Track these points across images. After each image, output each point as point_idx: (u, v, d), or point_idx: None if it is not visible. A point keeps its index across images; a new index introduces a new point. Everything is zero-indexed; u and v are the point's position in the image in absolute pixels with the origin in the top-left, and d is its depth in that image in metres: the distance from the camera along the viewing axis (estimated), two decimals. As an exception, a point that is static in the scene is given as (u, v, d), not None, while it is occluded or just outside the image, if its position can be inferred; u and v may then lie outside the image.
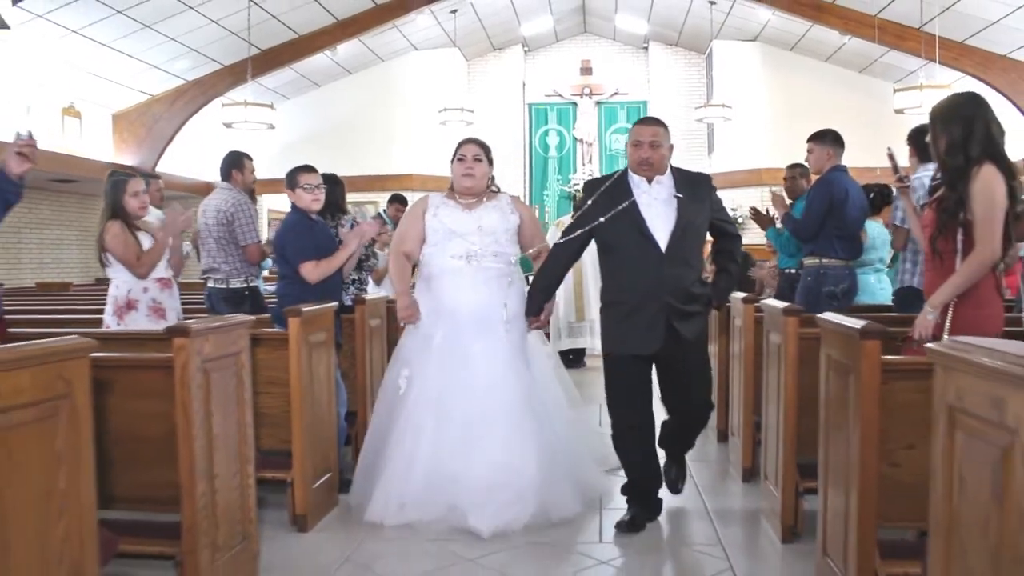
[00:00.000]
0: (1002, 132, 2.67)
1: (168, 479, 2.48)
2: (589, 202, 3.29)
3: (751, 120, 12.32)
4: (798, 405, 3.07)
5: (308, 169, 3.84)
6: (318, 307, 3.53)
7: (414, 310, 3.64)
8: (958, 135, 2.67)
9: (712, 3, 11.25)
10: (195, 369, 2.42)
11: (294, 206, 3.82)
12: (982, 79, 9.97)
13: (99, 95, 10.40)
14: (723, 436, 4.73)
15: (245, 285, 4.70)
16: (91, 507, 1.94)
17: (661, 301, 3.14)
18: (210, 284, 4.78)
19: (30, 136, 2.76)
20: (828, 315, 2.60)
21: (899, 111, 9.33)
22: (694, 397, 3.40)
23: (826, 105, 11.86)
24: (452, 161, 3.68)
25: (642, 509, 3.36)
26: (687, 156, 11.94)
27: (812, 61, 12.36)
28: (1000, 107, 9.59)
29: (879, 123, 10.35)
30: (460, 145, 3.72)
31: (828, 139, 4.53)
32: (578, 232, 3.29)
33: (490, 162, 3.70)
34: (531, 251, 3.72)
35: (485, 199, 3.67)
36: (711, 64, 13.16)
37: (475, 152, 3.65)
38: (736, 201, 11.00)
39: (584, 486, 3.62)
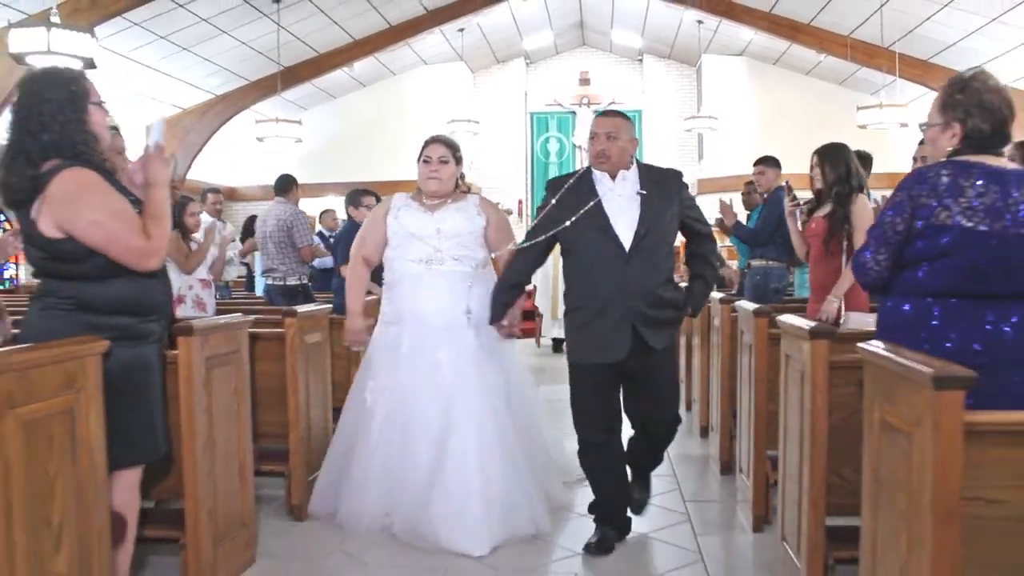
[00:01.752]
0: (864, 173, 3.87)
1: (275, 420, 3.53)
2: (553, 201, 3.05)
3: (738, 128, 12.96)
4: (731, 372, 4.11)
5: (369, 192, 4.97)
6: (369, 299, 4.56)
7: (363, 335, 3.51)
8: (843, 171, 3.80)
9: (700, 22, 12.17)
10: (299, 341, 3.46)
11: (351, 219, 4.93)
12: (945, 93, 10.92)
13: (135, 110, 11.42)
14: (689, 405, 5.78)
15: (299, 282, 5.73)
16: (249, 427, 3.00)
17: (626, 305, 2.92)
18: (268, 281, 5.81)
19: None
20: (741, 302, 3.64)
21: (862, 127, 10.26)
22: (663, 412, 3.17)
23: (808, 115, 12.50)
24: (418, 161, 3.47)
25: (611, 529, 3.17)
26: (679, 162, 12.75)
27: (794, 74, 13.04)
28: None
29: (856, 133, 11.26)
30: (426, 145, 3.49)
31: (773, 163, 5.57)
32: (541, 237, 3.06)
33: (458, 162, 3.49)
34: (496, 254, 3.51)
35: (451, 200, 3.47)
36: (701, 76, 13.85)
37: (441, 153, 3.43)
38: (725, 205, 11.91)
39: (548, 498, 3.46)
